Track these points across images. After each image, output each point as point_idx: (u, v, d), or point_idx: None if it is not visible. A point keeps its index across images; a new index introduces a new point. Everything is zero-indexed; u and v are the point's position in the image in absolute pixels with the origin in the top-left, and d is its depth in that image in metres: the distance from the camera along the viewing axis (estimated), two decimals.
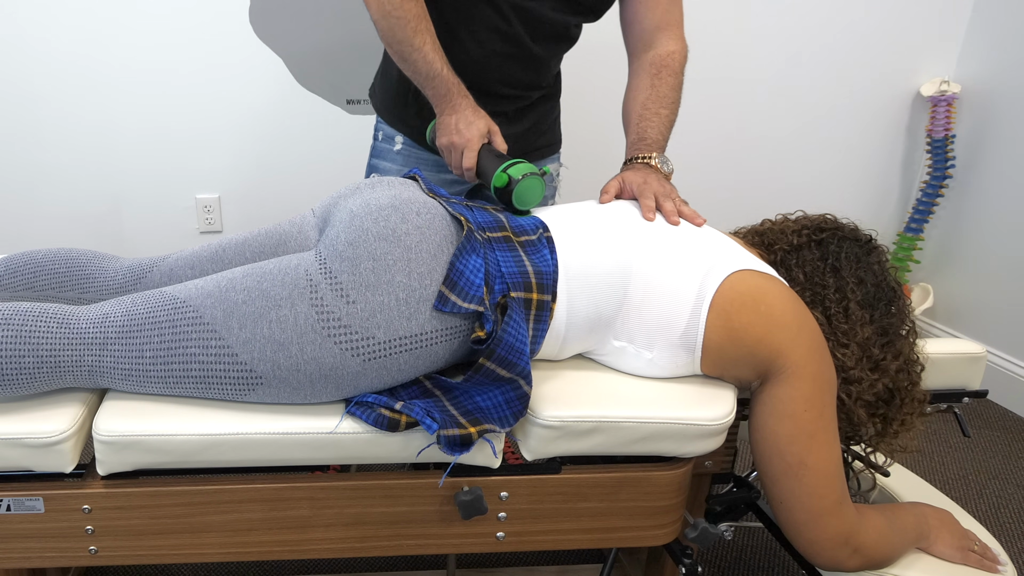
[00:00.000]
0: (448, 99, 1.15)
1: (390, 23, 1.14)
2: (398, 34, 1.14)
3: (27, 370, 0.83)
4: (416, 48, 1.14)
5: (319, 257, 0.87)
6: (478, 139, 1.12)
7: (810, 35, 2.30)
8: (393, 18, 1.14)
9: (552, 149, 1.48)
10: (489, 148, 1.13)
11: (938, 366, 1.13)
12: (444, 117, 1.16)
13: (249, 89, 2.11)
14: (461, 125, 1.13)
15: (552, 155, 1.49)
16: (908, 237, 2.48)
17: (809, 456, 0.88)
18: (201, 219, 2.22)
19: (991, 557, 0.99)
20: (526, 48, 1.26)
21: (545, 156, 1.47)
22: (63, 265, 1.02)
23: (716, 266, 0.92)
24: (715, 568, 1.48)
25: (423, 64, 1.14)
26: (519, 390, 0.86)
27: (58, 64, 2.01)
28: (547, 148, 1.47)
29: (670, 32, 1.26)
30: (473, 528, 0.96)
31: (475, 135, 1.11)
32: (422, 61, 1.14)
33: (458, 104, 1.15)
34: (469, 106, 1.15)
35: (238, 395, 0.87)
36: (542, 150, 1.45)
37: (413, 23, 1.14)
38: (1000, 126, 2.24)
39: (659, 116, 1.20)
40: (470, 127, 1.12)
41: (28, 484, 0.88)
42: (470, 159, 1.11)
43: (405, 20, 1.13)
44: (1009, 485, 1.79)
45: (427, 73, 1.15)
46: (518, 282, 0.89)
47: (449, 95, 1.15)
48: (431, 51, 1.14)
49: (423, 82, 1.17)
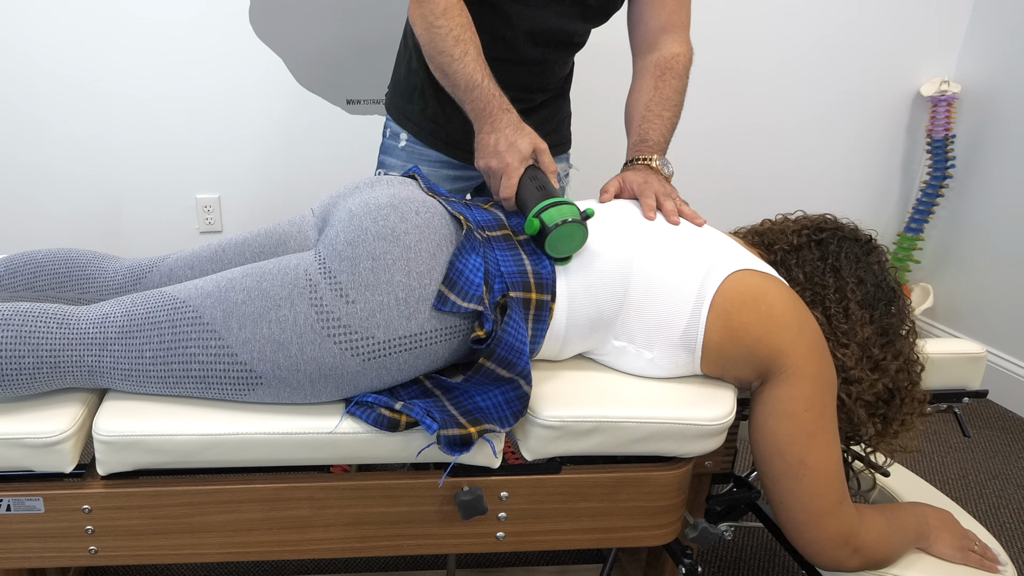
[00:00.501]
0: (487, 114, 1.06)
1: (432, 35, 1.10)
2: (439, 45, 1.10)
3: (27, 370, 0.83)
4: (456, 59, 1.08)
5: (318, 257, 0.87)
6: (519, 163, 1.00)
7: (810, 35, 2.30)
8: (435, 29, 1.09)
9: (560, 149, 1.47)
10: (534, 174, 1.00)
11: (938, 366, 1.13)
12: (483, 136, 1.06)
13: (249, 89, 2.11)
14: (501, 146, 1.02)
15: (561, 155, 1.48)
16: (908, 237, 2.48)
17: (809, 456, 0.88)
18: (201, 219, 2.22)
19: (991, 557, 0.99)
20: (528, 54, 1.26)
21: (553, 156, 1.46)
22: (63, 265, 1.02)
23: (716, 266, 0.92)
24: (715, 568, 1.48)
25: (462, 76, 1.08)
26: (519, 390, 0.86)
27: (58, 64, 2.01)
28: (555, 148, 1.45)
29: (676, 34, 1.25)
30: (473, 528, 0.96)
31: (515, 159, 1.00)
32: (462, 72, 1.08)
33: (498, 120, 1.05)
34: (511, 123, 1.04)
35: (238, 395, 0.87)
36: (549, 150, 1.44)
37: (456, 32, 1.09)
38: (1000, 126, 2.24)
39: (661, 118, 1.19)
40: (511, 149, 1.01)
41: (28, 484, 0.88)
42: (508, 188, 1.00)
43: (447, 29, 1.09)
44: (1009, 485, 1.79)
45: (467, 85, 1.08)
46: (517, 282, 0.89)
47: (488, 109, 1.06)
48: (472, 61, 1.08)
49: (462, 95, 1.10)
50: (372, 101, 2.16)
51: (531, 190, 0.97)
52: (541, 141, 1.04)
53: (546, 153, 1.03)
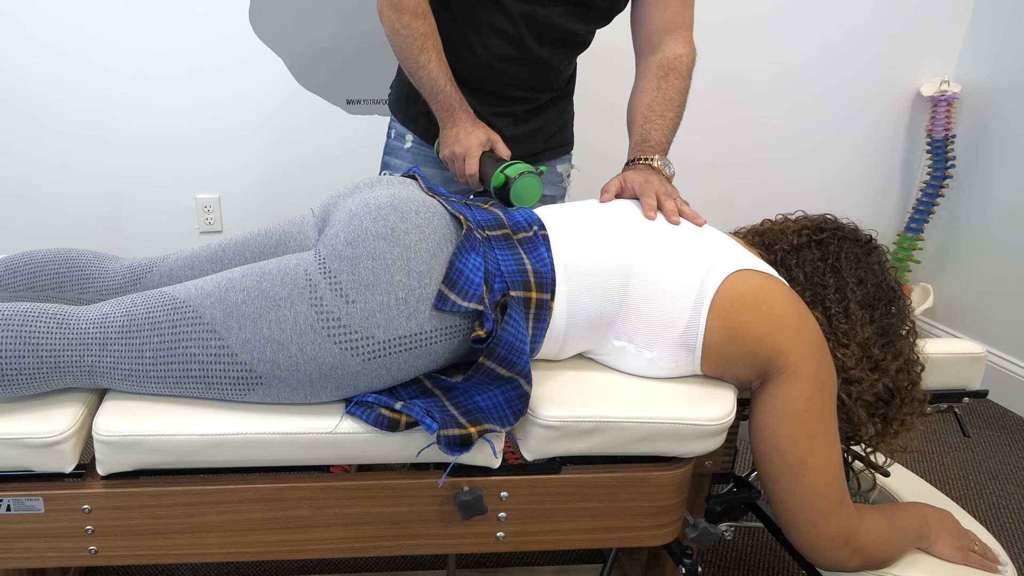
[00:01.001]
0: (450, 114, 1.21)
1: (398, 40, 1.22)
2: (405, 51, 1.22)
3: (27, 370, 0.83)
4: (421, 65, 1.21)
5: (318, 257, 0.87)
6: (477, 146, 1.18)
7: (810, 35, 2.30)
8: (400, 36, 1.21)
9: (563, 150, 1.48)
10: (490, 155, 1.18)
11: (938, 366, 1.13)
12: (446, 131, 1.22)
13: (249, 89, 2.11)
14: (461, 135, 1.19)
15: (563, 156, 1.48)
16: (908, 237, 2.48)
17: (809, 456, 0.88)
18: (201, 219, 2.22)
19: (991, 557, 0.99)
20: (533, 52, 1.26)
21: (556, 157, 1.46)
22: (63, 265, 1.02)
23: (717, 266, 0.92)
24: (715, 568, 1.48)
25: (427, 80, 1.21)
26: (519, 389, 0.86)
27: (58, 65, 2.01)
28: (558, 149, 1.46)
29: (679, 35, 1.26)
30: (473, 528, 0.96)
31: (474, 143, 1.18)
32: (427, 77, 1.21)
33: (459, 118, 1.21)
34: (469, 119, 1.21)
35: (238, 395, 0.87)
36: (552, 151, 1.45)
37: (420, 41, 1.20)
38: (1000, 126, 2.24)
39: (663, 119, 1.20)
40: (469, 136, 1.18)
41: (28, 484, 0.88)
42: (472, 165, 1.17)
43: (412, 38, 1.20)
44: (1009, 485, 1.79)
45: (431, 89, 1.22)
46: (517, 281, 0.89)
47: (451, 110, 1.21)
48: (436, 68, 1.21)
49: (428, 97, 1.24)
50: (372, 101, 2.16)
51: (491, 164, 1.15)
52: (495, 134, 1.21)
53: (500, 142, 1.20)
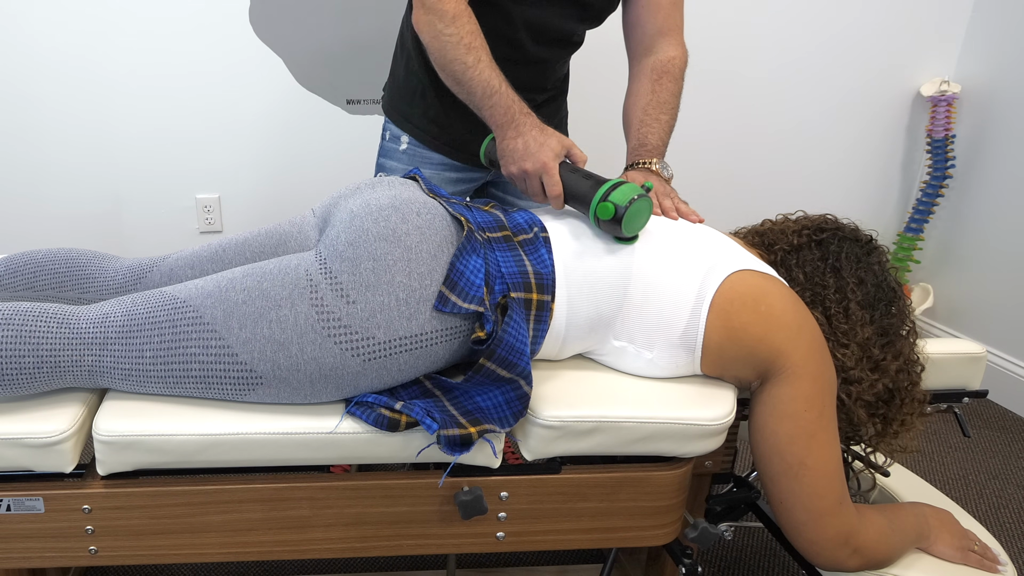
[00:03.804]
0: (510, 120, 1.06)
1: (441, 43, 1.09)
2: (450, 53, 1.08)
3: (27, 370, 0.83)
4: (470, 66, 1.07)
5: (319, 257, 0.87)
6: (554, 159, 1.01)
7: (810, 35, 2.30)
8: (444, 37, 1.08)
9: None
10: (569, 168, 1.02)
11: (938, 366, 1.13)
12: (508, 142, 1.06)
13: (249, 89, 2.11)
14: (532, 148, 1.02)
15: None
16: (908, 237, 2.48)
17: (809, 456, 0.88)
18: (201, 219, 2.22)
19: (991, 557, 0.99)
20: (530, 52, 1.26)
21: None
22: (63, 265, 1.02)
23: (716, 266, 0.92)
24: (715, 568, 1.48)
25: (479, 83, 1.07)
26: (519, 390, 0.86)
27: (58, 64, 2.01)
28: None
29: (671, 38, 1.26)
30: (473, 528, 0.96)
31: (550, 156, 1.01)
32: (478, 79, 1.07)
33: (522, 124, 1.05)
34: (535, 125, 1.05)
35: (238, 395, 0.87)
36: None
37: (467, 40, 1.07)
38: (1000, 126, 2.24)
39: (659, 122, 1.20)
40: (542, 149, 1.02)
41: (28, 484, 0.88)
42: (555, 186, 1.00)
43: (458, 37, 1.07)
44: (1009, 485, 1.79)
45: (483, 91, 1.07)
46: (518, 282, 0.89)
47: (510, 114, 1.06)
48: (487, 68, 1.07)
49: (479, 103, 1.09)
50: (372, 101, 2.16)
51: (579, 181, 0.98)
52: (567, 138, 1.04)
53: (575, 147, 1.04)
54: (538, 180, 1.02)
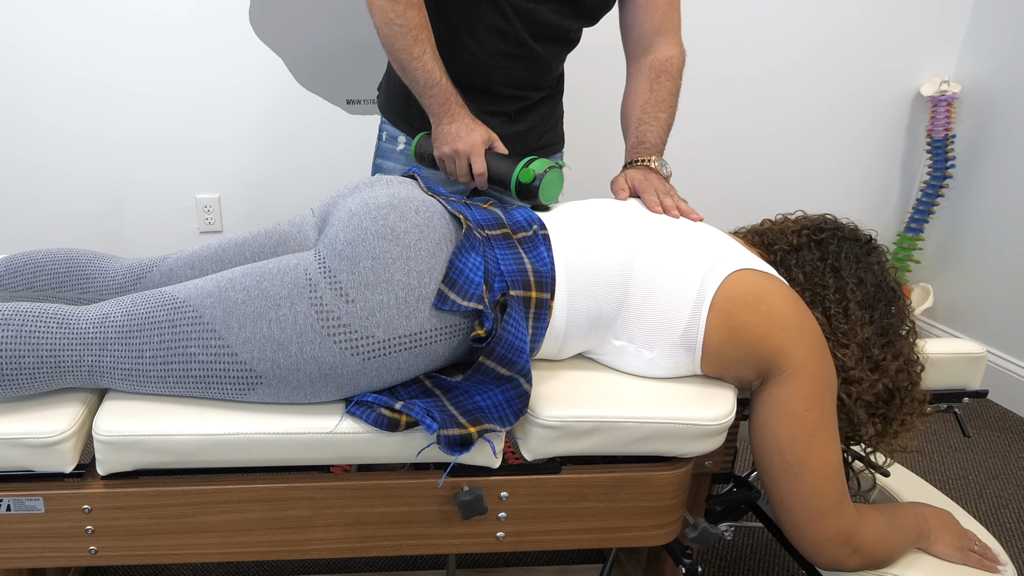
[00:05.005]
0: (447, 108, 1.15)
1: (392, 30, 1.15)
2: (399, 42, 1.15)
3: (27, 370, 0.83)
4: (416, 56, 1.15)
5: (318, 256, 0.87)
6: (481, 144, 1.12)
7: (810, 35, 2.30)
8: (395, 26, 1.14)
9: (554, 149, 1.49)
10: (493, 153, 1.14)
11: (938, 366, 1.13)
12: (443, 127, 1.16)
13: (249, 89, 2.11)
14: (463, 132, 1.13)
15: (554, 155, 1.50)
16: (908, 237, 2.48)
17: (809, 456, 0.88)
18: (201, 219, 2.22)
19: (991, 557, 0.99)
20: (528, 49, 1.27)
21: (548, 155, 1.47)
22: (63, 265, 1.02)
23: (717, 265, 0.92)
24: (715, 568, 1.48)
25: (422, 73, 1.15)
26: (519, 388, 0.86)
27: (58, 64, 2.01)
28: (549, 148, 1.47)
29: (668, 37, 1.27)
30: (473, 528, 0.96)
31: (478, 140, 1.12)
32: (421, 70, 1.15)
33: (456, 113, 1.15)
34: (467, 115, 1.16)
35: (238, 395, 0.87)
36: (543, 150, 1.46)
37: (415, 32, 1.14)
38: (1000, 126, 2.24)
39: (658, 120, 1.21)
40: (472, 133, 1.13)
41: (28, 484, 0.88)
42: (481, 163, 1.12)
43: (407, 28, 1.14)
44: (1009, 485, 1.79)
45: (425, 82, 1.15)
46: (517, 280, 0.89)
47: (446, 104, 1.15)
48: (430, 60, 1.15)
49: (421, 91, 1.17)
50: (372, 101, 2.17)
51: (500, 159, 1.12)
52: (492, 132, 1.16)
53: (498, 140, 1.16)
54: (466, 160, 1.13)
